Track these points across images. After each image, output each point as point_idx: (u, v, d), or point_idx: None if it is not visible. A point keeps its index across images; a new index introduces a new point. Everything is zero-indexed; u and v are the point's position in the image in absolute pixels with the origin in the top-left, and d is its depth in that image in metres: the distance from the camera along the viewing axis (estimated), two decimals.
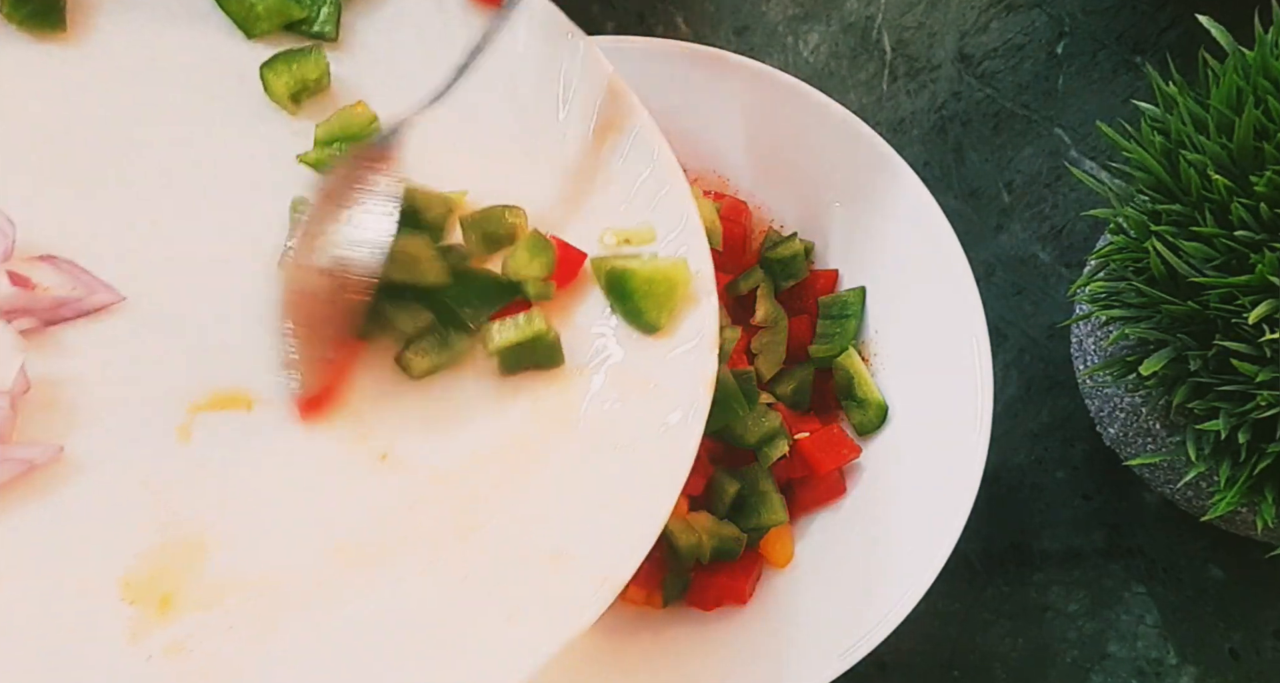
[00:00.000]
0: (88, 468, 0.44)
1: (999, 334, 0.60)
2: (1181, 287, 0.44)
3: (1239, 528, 0.52)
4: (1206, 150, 0.44)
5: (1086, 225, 0.62)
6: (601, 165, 0.48)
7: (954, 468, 0.51)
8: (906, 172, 0.54)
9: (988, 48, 0.64)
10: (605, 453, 0.45)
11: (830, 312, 0.56)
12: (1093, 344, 0.54)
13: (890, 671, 0.56)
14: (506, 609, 0.42)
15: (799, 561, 0.54)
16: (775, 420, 0.53)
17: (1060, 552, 0.58)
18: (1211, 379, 0.44)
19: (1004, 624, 0.57)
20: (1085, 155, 0.63)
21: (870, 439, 0.55)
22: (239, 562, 0.43)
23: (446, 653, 0.41)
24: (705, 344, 0.45)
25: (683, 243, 0.46)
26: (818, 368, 0.56)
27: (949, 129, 0.63)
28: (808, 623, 0.51)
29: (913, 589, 0.50)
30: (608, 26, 0.63)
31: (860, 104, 0.63)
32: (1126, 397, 0.52)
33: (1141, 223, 0.45)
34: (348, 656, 0.41)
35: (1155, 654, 0.57)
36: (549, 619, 0.41)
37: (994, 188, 0.62)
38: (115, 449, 0.44)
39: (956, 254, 0.53)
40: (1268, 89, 0.44)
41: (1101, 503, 0.59)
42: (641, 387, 0.45)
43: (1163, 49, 0.64)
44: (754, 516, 0.53)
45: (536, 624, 0.41)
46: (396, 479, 0.45)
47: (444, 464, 0.45)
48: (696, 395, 0.44)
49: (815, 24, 0.64)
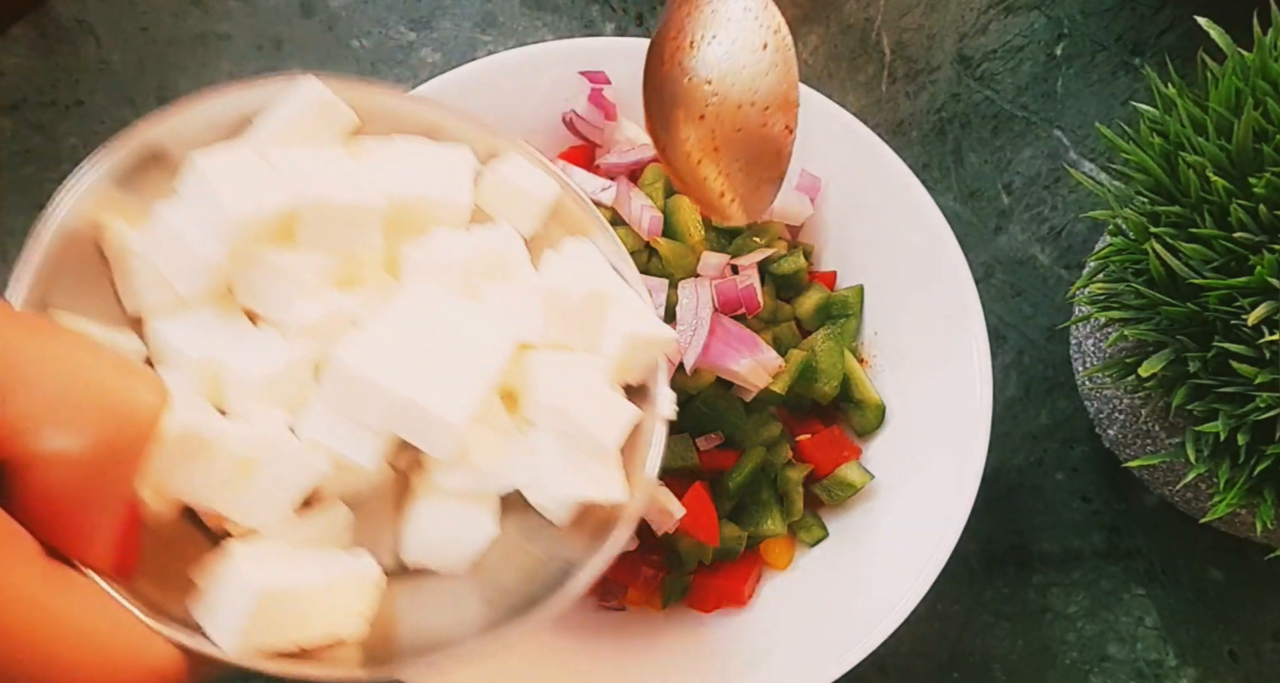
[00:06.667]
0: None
1: (998, 336, 0.60)
2: (1181, 288, 0.44)
3: (1238, 530, 0.52)
4: (1205, 152, 0.44)
5: (1086, 227, 0.62)
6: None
7: (953, 469, 0.51)
8: (906, 173, 0.54)
9: (987, 49, 0.64)
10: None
11: (829, 312, 0.56)
12: (1092, 346, 0.54)
13: (890, 672, 0.56)
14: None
15: (798, 563, 0.54)
16: (776, 428, 0.53)
17: (1060, 553, 0.58)
18: (1211, 381, 0.44)
19: (1003, 626, 0.57)
20: (1084, 157, 0.63)
21: (870, 440, 0.55)
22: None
23: None
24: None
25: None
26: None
27: (948, 131, 0.63)
28: (807, 625, 0.51)
29: (912, 591, 0.50)
30: (607, 28, 0.63)
31: (859, 105, 0.63)
32: (1126, 398, 0.52)
33: (1140, 225, 0.45)
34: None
35: (1155, 656, 0.57)
36: None
37: (993, 189, 0.62)
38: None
39: (956, 256, 0.53)
40: (1266, 91, 0.44)
41: (1101, 505, 0.59)
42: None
43: (1162, 51, 0.64)
44: (753, 523, 0.53)
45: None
46: None
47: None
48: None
49: (814, 26, 0.64)
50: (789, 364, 0.53)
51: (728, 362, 0.51)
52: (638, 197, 0.54)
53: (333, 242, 0.38)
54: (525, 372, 0.40)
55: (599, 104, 0.55)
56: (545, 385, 0.39)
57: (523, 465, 0.40)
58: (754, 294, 0.53)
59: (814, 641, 0.51)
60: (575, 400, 0.39)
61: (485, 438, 0.39)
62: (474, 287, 0.40)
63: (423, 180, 0.41)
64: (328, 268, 0.38)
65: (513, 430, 0.40)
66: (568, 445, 0.40)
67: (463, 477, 0.39)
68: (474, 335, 0.38)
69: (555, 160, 0.56)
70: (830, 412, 0.56)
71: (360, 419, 0.36)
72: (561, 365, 0.40)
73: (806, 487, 0.54)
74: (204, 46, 0.61)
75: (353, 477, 0.38)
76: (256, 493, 0.35)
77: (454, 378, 0.36)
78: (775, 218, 0.56)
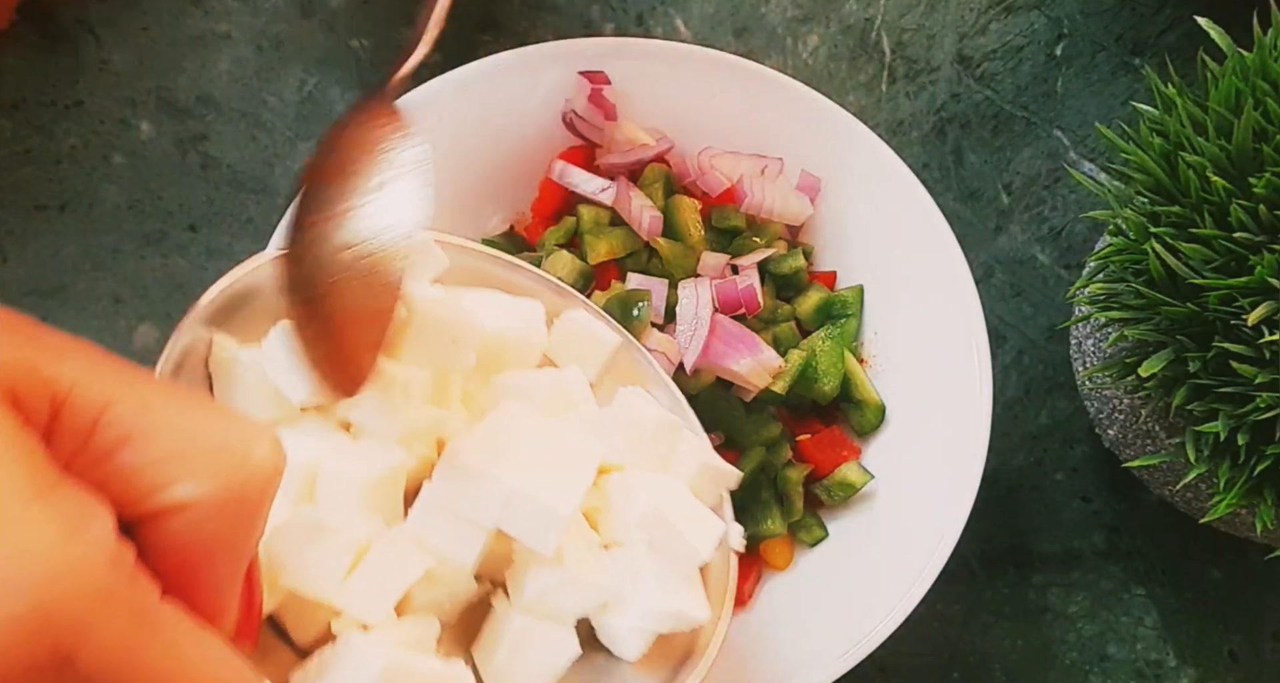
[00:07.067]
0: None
1: (998, 336, 0.60)
2: (1181, 288, 0.44)
3: (1238, 530, 0.52)
4: (1205, 152, 0.44)
5: (1085, 227, 0.62)
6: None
7: (953, 469, 0.51)
8: (906, 173, 0.54)
9: (987, 49, 0.64)
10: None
11: (829, 312, 0.56)
12: (1092, 346, 0.54)
13: (890, 673, 0.56)
14: None
15: (798, 563, 0.54)
16: (776, 429, 0.53)
17: (1059, 554, 0.58)
18: (1211, 381, 0.44)
19: (1003, 626, 0.57)
20: (1084, 157, 0.63)
21: (870, 440, 0.55)
22: None
23: None
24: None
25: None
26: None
27: (948, 131, 0.63)
28: (807, 625, 0.51)
29: (912, 591, 0.50)
30: (607, 28, 0.63)
31: (859, 106, 0.63)
32: (1126, 398, 0.52)
33: (1140, 225, 0.45)
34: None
35: (1155, 656, 0.57)
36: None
37: (993, 189, 0.62)
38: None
39: (956, 256, 0.53)
40: (1266, 91, 0.44)
41: (1101, 505, 0.59)
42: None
43: (1162, 51, 0.64)
44: (753, 523, 0.53)
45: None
46: None
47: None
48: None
49: (814, 26, 0.64)
50: (789, 364, 0.53)
51: (728, 362, 0.51)
52: (638, 197, 0.54)
53: (433, 357, 0.40)
54: (609, 492, 0.42)
55: (599, 104, 0.55)
56: (637, 498, 0.41)
57: (613, 575, 0.41)
58: (754, 294, 0.53)
59: (814, 641, 0.51)
60: (670, 509, 0.41)
61: (575, 550, 0.40)
62: (556, 413, 0.42)
63: (504, 321, 0.44)
64: (427, 382, 0.40)
65: (598, 546, 0.42)
66: (659, 560, 0.41)
67: (551, 583, 0.39)
68: (565, 448, 0.40)
69: (555, 160, 0.56)
70: (830, 412, 0.56)
71: (467, 513, 0.38)
72: (648, 483, 0.42)
73: (806, 487, 0.54)
74: (204, 46, 0.61)
75: (443, 587, 0.39)
76: (368, 584, 0.36)
77: (554, 477, 0.38)
78: (775, 218, 0.56)
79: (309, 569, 0.36)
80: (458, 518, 0.38)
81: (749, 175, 0.55)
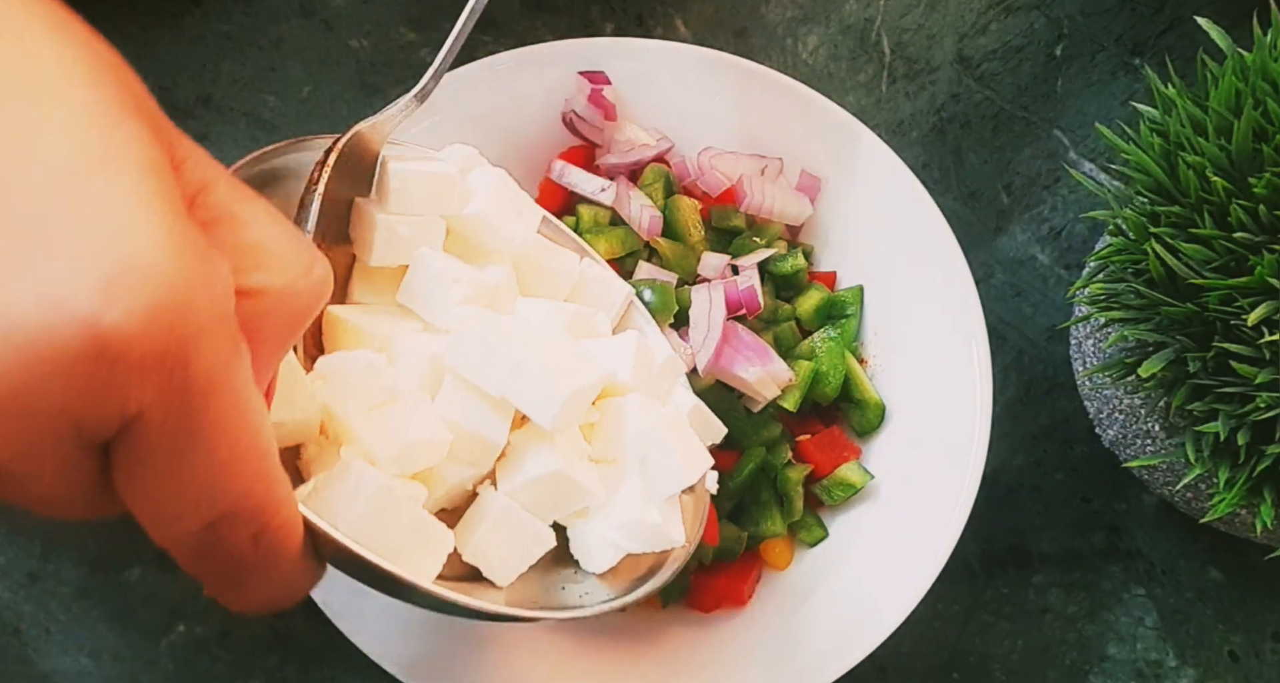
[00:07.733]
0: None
1: (998, 336, 0.60)
2: (1181, 288, 0.44)
3: (1238, 530, 0.52)
4: (1205, 152, 0.44)
5: (1085, 227, 0.62)
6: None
7: (953, 469, 0.51)
8: (906, 173, 0.54)
9: (987, 50, 0.64)
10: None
11: (829, 312, 0.56)
12: (1092, 346, 0.54)
13: (889, 673, 0.56)
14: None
15: (798, 563, 0.54)
16: (776, 429, 0.53)
17: (1059, 554, 0.58)
18: (1211, 381, 0.44)
19: (1003, 626, 0.57)
20: (1084, 157, 0.63)
21: (870, 440, 0.55)
22: None
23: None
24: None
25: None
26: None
27: (948, 131, 0.63)
28: (807, 625, 0.51)
29: (912, 591, 0.50)
30: (607, 28, 0.63)
31: (859, 106, 0.63)
32: (1126, 398, 0.52)
33: (1140, 225, 0.45)
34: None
35: (1155, 656, 0.57)
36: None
37: (993, 190, 0.62)
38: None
39: (956, 256, 0.53)
40: (1266, 91, 0.44)
41: (1101, 505, 0.59)
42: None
43: (1161, 51, 0.64)
44: (753, 523, 0.53)
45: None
46: None
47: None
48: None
49: (814, 26, 0.64)
50: (798, 376, 0.53)
51: (737, 369, 0.51)
52: (637, 197, 0.54)
53: (479, 253, 0.45)
54: (608, 412, 0.44)
55: (599, 104, 0.55)
56: (635, 419, 0.43)
57: (598, 484, 0.43)
58: (754, 294, 0.53)
59: (814, 640, 0.51)
60: (666, 433, 0.43)
61: (568, 454, 0.42)
62: (576, 332, 0.46)
63: (540, 253, 0.48)
64: (475, 283, 0.43)
65: (589, 459, 0.44)
66: (646, 479, 0.43)
67: (540, 474, 0.41)
68: (577, 353, 0.43)
69: (555, 160, 0.56)
70: (830, 412, 0.56)
71: (479, 380, 0.41)
72: (648, 408, 0.44)
73: (806, 487, 0.54)
74: (204, 46, 0.61)
75: (448, 464, 0.42)
76: (387, 424, 0.39)
77: (563, 364, 0.41)
78: (775, 218, 0.56)
79: (348, 394, 0.39)
80: (472, 390, 0.41)
81: (749, 175, 0.55)
